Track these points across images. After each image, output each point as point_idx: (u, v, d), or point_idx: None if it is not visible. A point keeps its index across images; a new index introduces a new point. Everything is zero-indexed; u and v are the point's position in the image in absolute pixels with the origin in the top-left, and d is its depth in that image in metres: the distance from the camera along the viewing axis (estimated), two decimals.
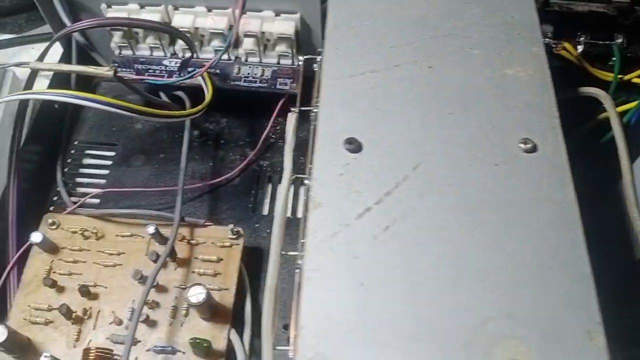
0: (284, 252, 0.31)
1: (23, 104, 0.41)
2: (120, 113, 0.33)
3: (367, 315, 0.22)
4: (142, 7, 0.44)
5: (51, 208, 0.45)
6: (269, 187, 0.46)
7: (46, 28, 0.60)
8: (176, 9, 0.43)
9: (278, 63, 0.46)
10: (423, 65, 0.29)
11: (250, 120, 0.49)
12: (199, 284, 0.35)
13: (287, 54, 0.45)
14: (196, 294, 0.35)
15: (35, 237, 0.39)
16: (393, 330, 0.22)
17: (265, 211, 0.45)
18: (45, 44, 0.56)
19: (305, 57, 0.39)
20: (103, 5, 0.44)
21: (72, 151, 0.48)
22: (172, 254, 0.39)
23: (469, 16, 0.31)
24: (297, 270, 0.30)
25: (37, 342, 0.37)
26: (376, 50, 0.29)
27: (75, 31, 0.37)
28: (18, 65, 0.37)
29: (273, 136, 0.48)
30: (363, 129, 0.26)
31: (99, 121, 0.50)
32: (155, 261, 0.39)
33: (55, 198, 0.46)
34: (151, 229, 0.39)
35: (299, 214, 0.44)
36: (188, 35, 0.42)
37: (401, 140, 0.26)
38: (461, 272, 0.23)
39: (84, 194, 0.45)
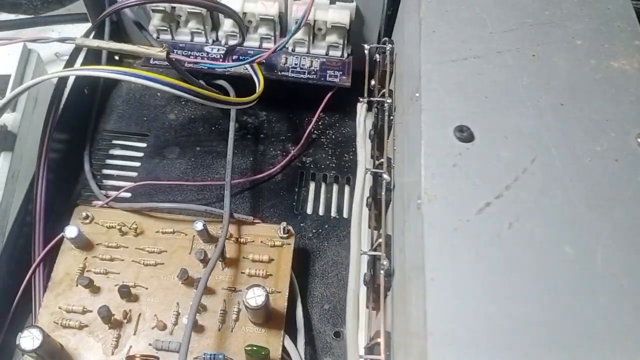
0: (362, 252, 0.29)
1: (61, 85, 0.38)
2: (184, 96, 0.30)
3: (498, 320, 0.20)
4: None
5: (77, 201, 0.41)
6: (312, 185, 0.43)
7: (63, 10, 0.57)
8: None
9: (327, 54, 0.43)
10: (526, 53, 0.27)
11: (291, 114, 0.47)
12: (258, 286, 0.33)
13: (337, 44, 0.42)
14: (255, 297, 0.32)
15: (70, 231, 0.36)
16: (527, 338, 0.20)
17: (310, 210, 0.42)
18: (66, 26, 0.54)
19: (371, 45, 0.36)
20: None
21: (100, 141, 0.45)
22: (220, 255, 0.36)
23: (566, 5, 0.29)
24: (381, 272, 0.28)
25: (69, 349, 0.34)
26: (476, 35, 0.27)
27: (127, 7, 0.34)
28: (62, 40, 0.33)
29: (315, 132, 0.45)
30: (474, 116, 0.24)
31: (129, 110, 0.47)
32: (202, 260, 0.36)
33: (81, 190, 0.42)
34: (199, 226, 0.36)
35: (345, 214, 0.42)
36: None
37: (515, 130, 0.24)
38: (595, 274, 0.21)
39: (114, 187, 0.42)
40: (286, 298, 0.35)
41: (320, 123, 0.46)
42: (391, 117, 0.33)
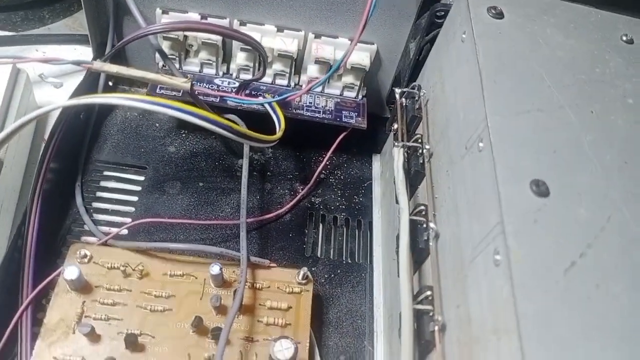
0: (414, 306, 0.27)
1: (66, 114, 0.35)
2: (219, 131, 0.28)
3: None
4: (203, 17, 0.39)
5: (68, 237, 0.38)
6: (321, 227, 0.42)
7: (44, 29, 0.53)
8: (243, 24, 0.39)
9: (341, 94, 0.42)
10: (585, 109, 0.27)
11: (298, 153, 0.45)
12: (286, 337, 0.30)
13: (353, 86, 0.42)
14: (283, 349, 0.30)
15: (70, 272, 0.32)
16: None
17: (321, 253, 0.40)
18: (53, 46, 0.50)
19: (402, 89, 0.36)
20: (158, 11, 0.39)
21: (93, 172, 0.41)
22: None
23: (613, 64, 0.29)
24: (435, 328, 0.26)
25: None
26: (536, 88, 0.27)
27: (154, 33, 0.32)
28: (77, 63, 0.31)
29: (324, 172, 0.44)
30: (547, 172, 0.24)
31: (124, 140, 0.43)
32: (218, 308, 0.33)
33: (71, 225, 0.39)
34: (216, 269, 0.33)
35: (357, 259, 0.40)
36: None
37: (587, 187, 0.24)
38: None
39: (108, 222, 0.39)
40: (307, 350, 0.33)
41: (328, 163, 0.45)
42: (426, 163, 0.32)
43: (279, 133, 0.35)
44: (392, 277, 0.36)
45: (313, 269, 0.39)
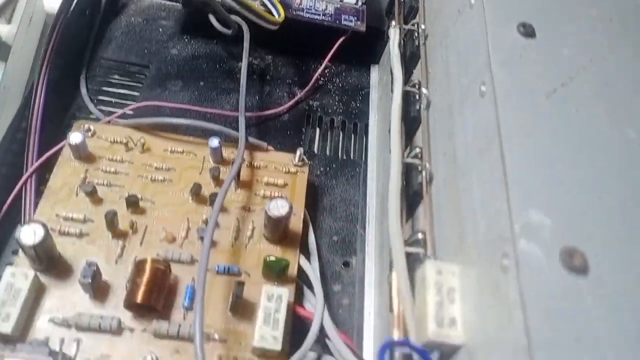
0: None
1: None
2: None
3: (571, 185, 0.20)
4: None
5: (72, 121, 0.39)
6: (318, 128, 0.43)
7: None
8: None
9: (341, 0, 0.43)
10: None
11: (297, 60, 0.46)
12: (282, 197, 0.32)
13: None
14: (279, 207, 0.31)
15: (74, 137, 0.34)
16: (591, 197, 0.20)
17: (317, 150, 0.42)
18: None
19: None
20: None
21: (97, 68, 0.42)
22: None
23: None
24: (422, 178, 0.28)
25: (67, 257, 0.31)
26: None
27: None
28: None
29: (322, 79, 0.45)
30: (535, 15, 0.25)
31: (128, 41, 0.44)
32: (216, 178, 0.34)
33: (76, 113, 0.40)
34: (215, 142, 0.35)
35: (353, 156, 0.41)
36: None
37: (573, 33, 0.25)
38: None
39: (111, 113, 0.40)
40: (301, 220, 0.34)
41: (327, 72, 0.46)
42: (421, 45, 0.34)
43: (280, 17, 0.36)
44: (385, 171, 0.37)
45: (309, 162, 0.40)
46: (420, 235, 0.26)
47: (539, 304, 0.17)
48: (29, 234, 0.28)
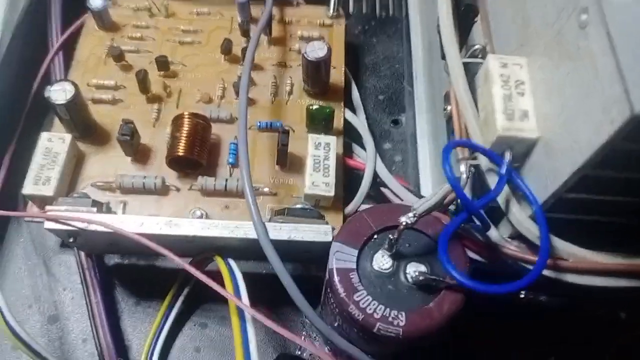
0: None
1: None
2: None
3: None
4: None
5: None
6: None
7: None
8: None
9: None
10: None
11: None
12: (320, 39, 0.29)
13: None
14: (316, 49, 0.29)
15: (95, 2, 0.32)
16: None
17: (351, 9, 0.39)
18: None
19: None
20: None
21: None
22: (266, 28, 0.32)
23: None
24: None
25: (104, 124, 0.30)
26: None
27: None
28: None
29: None
30: None
31: None
32: (246, 33, 0.32)
33: None
34: None
35: (392, 11, 0.38)
36: None
37: None
38: None
39: None
40: (343, 73, 0.32)
41: None
42: None
43: None
44: (430, 26, 0.34)
45: (346, 21, 0.37)
46: (477, 46, 0.23)
47: (629, 43, 0.15)
48: (59, 92, 0.27)
